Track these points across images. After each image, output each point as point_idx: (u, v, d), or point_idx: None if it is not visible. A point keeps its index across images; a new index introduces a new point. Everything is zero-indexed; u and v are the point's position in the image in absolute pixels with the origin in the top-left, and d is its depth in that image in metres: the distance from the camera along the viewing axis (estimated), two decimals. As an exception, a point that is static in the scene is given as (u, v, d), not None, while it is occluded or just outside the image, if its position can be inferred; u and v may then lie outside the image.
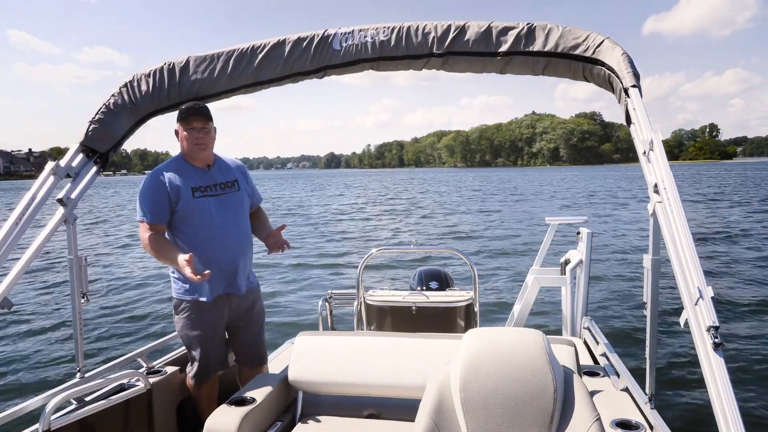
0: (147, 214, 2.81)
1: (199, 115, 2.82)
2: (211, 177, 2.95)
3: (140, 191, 2.84)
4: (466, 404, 1.64)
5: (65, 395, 2.41)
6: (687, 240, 1.80)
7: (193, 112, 2.81)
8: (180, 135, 2.87)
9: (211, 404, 2.95)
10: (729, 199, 29.96)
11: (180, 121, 2.84)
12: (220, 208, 2.92)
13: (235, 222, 2.99)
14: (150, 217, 2.81)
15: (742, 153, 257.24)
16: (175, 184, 2.83)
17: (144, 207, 2.82)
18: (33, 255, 2.33)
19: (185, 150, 2.90)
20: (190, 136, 2.83)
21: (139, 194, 2.84)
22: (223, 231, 2.91)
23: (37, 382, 6.07)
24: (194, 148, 2.86)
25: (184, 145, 2.88)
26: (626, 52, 2.47)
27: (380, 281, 10.43)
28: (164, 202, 2.82)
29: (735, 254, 12.81)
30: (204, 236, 2.86)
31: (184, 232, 2.87)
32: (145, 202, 2.82)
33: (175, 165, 2.91)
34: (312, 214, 28.06)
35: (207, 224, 2.87)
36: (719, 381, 1.49)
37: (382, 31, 2.72)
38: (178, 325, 3.01)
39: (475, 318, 4.25)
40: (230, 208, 2.97)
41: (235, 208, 3.00)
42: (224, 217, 2.93)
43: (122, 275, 12.57)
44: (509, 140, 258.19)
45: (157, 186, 2.83)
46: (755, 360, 6.08)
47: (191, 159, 2.92)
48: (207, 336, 2.97)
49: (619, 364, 2.85)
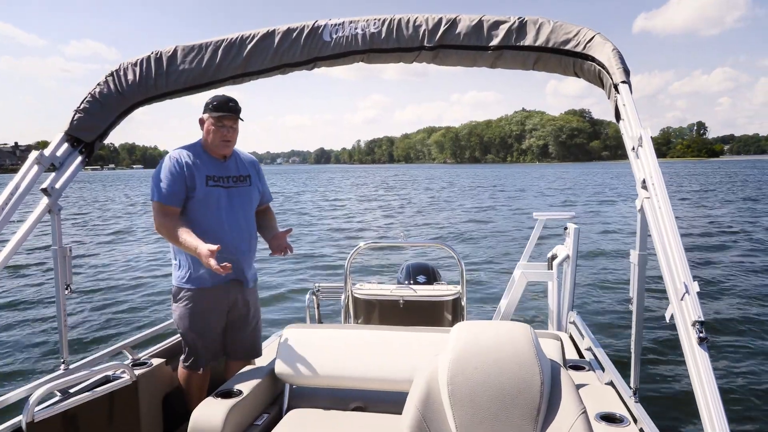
0: (163, 195, 2.83)
1: (232, 113, 2.91)
2: (226, 168, 3.00)
3: (156, 172, 2.87)
4: (453, 397, 1.64)
5: (49, 387, 2.38)
6: (674, 236, 1.81)
7: (227, 109, 2.89)
8: (206, 126, 2.93)
9: (201, 396, 2.94)
10: (712, 197, 30.25)
11: (211, 113, 2.89)
12: (229, 200, 2.97)
13: (243, 216, 3.03)
14: (166, 198, 2.83)
15: (729, 151, 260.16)
16: (191, 170, 2.87)
17: (160, 187, 2.83)
18: (16, 246, 2.29)
19: (208, 141, 2.95)
20: (219, 131, 2.90)
21: (154, 174, 2.87)
22: (230, 223, 2.94)
23: (20, 374, 6.02)
24: (220, 143, 2.93)
25: (209, 138, 2.93)
26: (617, 48, 2.47)
27: (367, 275, 10.43)
28: (180, 185, 2.85)
29: (721, 251, 12.96)
30: (211, 225, 2.89)
31: (191, 218, 2.87)
32: (162, 183, 2.83)
33: (193, 151, 2.94)
34: (303, 209, 28.01)
35: (215, 214, 2.92)
36: (703, 375, 1.51)
37: (373, 23, 2.70)
38: (176, 312, 3.00)
39: (462, 312, 4.26)
40: (240, 201, 3.02)
41: (243, 203, 3.04)
42: (233, 209, 2.98)
43: (107, 267, 12.50)
44: (499, 137, 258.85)
45: (174, 168, 2.85)
46: (740, 355, 6.16)
47: (210, 150, 2.97)
48: (206, 325, 2.97)
49: (604, 358, 2.88)
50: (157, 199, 2.84)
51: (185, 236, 2.73)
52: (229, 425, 2.32)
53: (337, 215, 24.49)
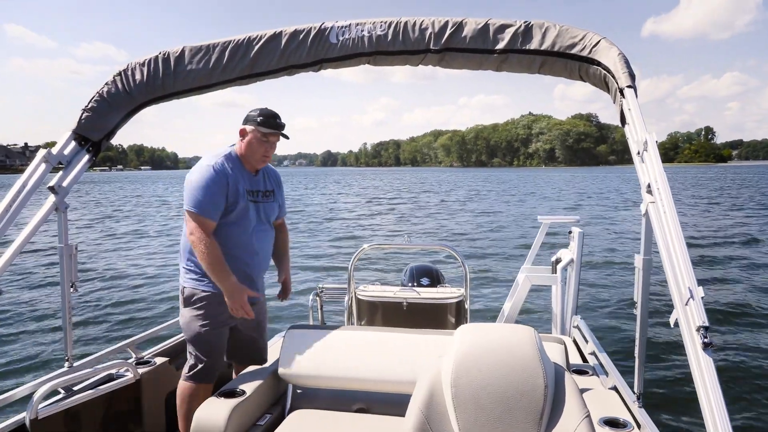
0: (203, 208, 2.68)
1: (280, 130, 2.83)
2: (257, 182, 2.93)
3: (198, 181, 2.69)
4: (456, 399, 1.64)
5: (53, 384, 2.40)
6: (679, 240, 1.81)
7: (276, 126, 2.81)
8: (249, 139, 2.80)
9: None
10: (718, 203, 30.09)
11: (258, 127, 2.78)
12: (257, 215, 2.91)
13: (268, 231, 3.00)
14: (206, 212, 2.68)
15: (737, 156, 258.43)
16: (234, 183, 2.77)
17: (201, 199, 2.67)
18: (23, 243, 2.31)
19: (247, 153, 2.83)
20: (262, 146, 2.81)
21: (195, 183, 2.70)
22: (256, 238, 2.89)
23: (25, 371, 6.05)
24: (260, 158, 2.85)
25: (249, 151, 2.82)
26: (622, 52, 2.47)
27: (372, 277, 10.43)
28: (222, 199, 2.73)
29: (726, 256, 12.88)
30: (238, 239, 2.81)
31: (222, 234, 2.76)
32: (204, 194, 2.68)
33: (233, 162, 2.81)
34: (308, 210, 28.05)
35: (244, 228, 2.84)
36: (708, 380, 1.50)
37: (380, 26, 2.71)
38: (186, 317, 2.82)
39: (465, 315, 4.26)
40: (265, 217, 2.97)
41: (269, 218, 3.00)
42: (260, 224, 2.93)
43: (113, 266, 12.55)
44: (505, 140, 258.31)
45: (218, 180, 2.71)
46: (744, 360, 6.12)
47: (246, 162, 2.86)
48: (220, 332, 2.85)
49: (608, 363, 2.87)
50: (198, 212, 2.67)
51: (220, 267, 2.66)
52: (232, 425, 2.32)
53: (342, 217, 24.51)
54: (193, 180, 2.72)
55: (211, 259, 2.65)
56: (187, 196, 2.71)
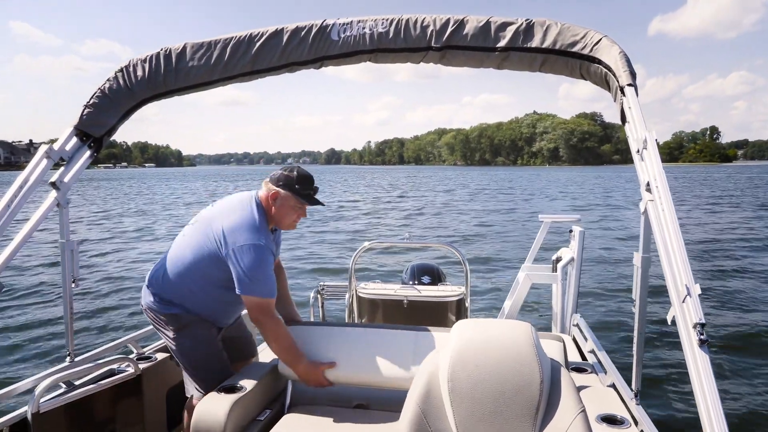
0: (270, 292, 2.57)
1: (317, 202, 2.75)
2: (274, 242, 2.78)
3: (257, 263, 2.51)
4: (453, 393, 1.65)
5: (55, 378, 2.42)
6: (677, 238, 1.82)
7: (315, 199, 2.73)
8: (283, 203, 2.65)
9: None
10: (717, 202, 30.00)
11: (297, 196, 2.65)
12: None
13: None
14: (273, 294, 2.58)
15: (743, 156, 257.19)
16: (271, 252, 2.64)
17: (267, 285, 2.55)
18: (24, 238, 2.33)
19: (278, 218, 2.69)
20: (296, 216, 2.71)
21: (259, 270, 2.52)
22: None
23: (27, 365, 6.09)
24: (292, 224, 2.74)
25: (282, 216, 2.68)
26: (623, 50, 2.47)
27: (373, 274, 10.45)
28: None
29: (724, 255, 12.87)
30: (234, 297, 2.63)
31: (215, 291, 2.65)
32: (269, 280, 2.56)
33: (265, 228, 2.62)
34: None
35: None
36: (704, 377, 1.51)
37: (381, 23, 2.71)
38: (183, 343, 2.67)
39: (465, 313, 4.27)
40: None
41: None
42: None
43: (115, 262, 12.60)
44: (509, 139, 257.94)
45: (271, 261, 2.60)
46: (740, 357, 6.14)
47: (271, 222, 2.71)
48: (218, 353, 2.74)
49: (606, 361, 2.87)
50: (269, 297, 2.56)
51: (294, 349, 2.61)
52: (232, 420, 2.33)
53: (344, 215, 24.53)
54: (250, 262, 2.50)
55: (287, 344, 2.60)
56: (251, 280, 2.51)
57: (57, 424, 2.43)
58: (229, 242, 2.52)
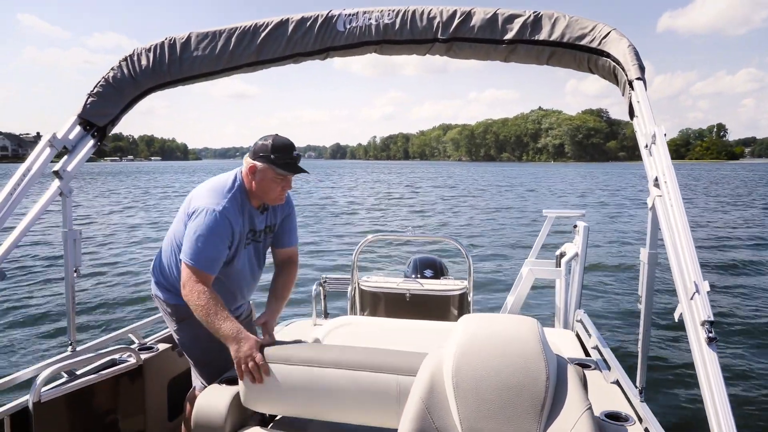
0: (203, 262, 2.38)
1: (297, 171, 2.53)
2: (261, 221, 2.66)
3: (201, 227, 2.38)
4: (457, 389, 1.63)
5: (56, 368, 2.41)
6: (686, 234, 1.79)
7: (295, 168, 2.51)
8: (262, 176, 2.49)
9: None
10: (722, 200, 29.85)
11: (272, 166, 2.47)
12: (253, 256, 2.70)
13: (258, 271, 2.78)
14: (206, 266, 2.39)
15: (750, 154, 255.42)
16: (238, 230, 2.49)
17: (203, 253, 2.37)
18: (27, 227, 2.32)
19: (259, 193, 2.53)
20: (278, 187, 2.52)
21: (196, 228, 2.39)
22: (246, 280, 2.71)
23: (28, 354, 6.11)
24: (277, 198, 2.56)
25: (263, 190, 2.51)
26: (632, 44, 2.44)
27: (375, 266, 10.46)
28: (224, 252, 2.46)
29: (735, 252, 12.80)
30: (229, 281, 2.60)
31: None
32: (205, 246, 2.38)
33: (239, 204, 2.50)
34: (313, 201, 28.08)
35: (238, 272, 2.62)
36: (711, 375, 1.49)
37: (387, 14, 2.68)
38: (184, 333, 2.64)
39: (468, 307, 4.26)
40: (260, 255, 2.76)
41: (262, 255, 2.78)
42: (253, 266, 2.71)
43: (117, 252, 12.63)
44: (515, 135, 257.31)
45: (223, 231, 2.41)
46: (749, 356, 6.10)
47: (253, 198, 2.57)
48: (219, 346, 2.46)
49: (610, 357, 2.85)
50: (199, 267, 2.37)
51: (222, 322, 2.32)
52: (233, 413, 2.32)
53: (348, 208, 24.53)
54: (195, 225, 2.40)
55: (207, 311, 2.34)
56: (186, 242, 2.41)
57: (58, 413, 2.42)
58: (190, 208, 2.47)
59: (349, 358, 2.19)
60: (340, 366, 2.17)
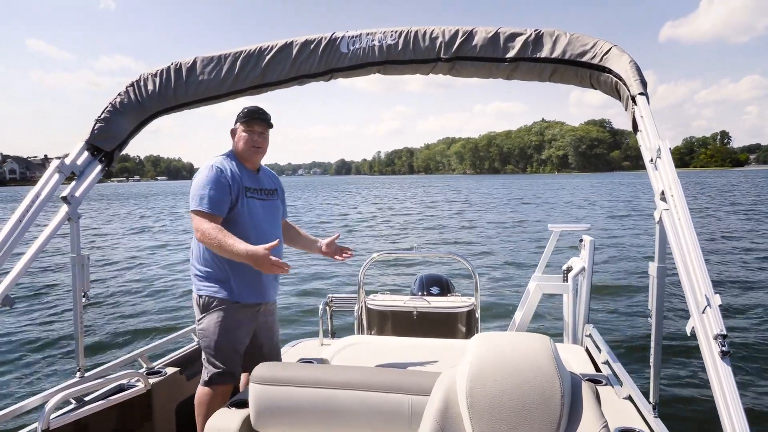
0: (208, 204, 2.74)
1: (261, 120, 2.94)
2: (260, 181, 3.02)
3: (198, 180, 2.80)
4: (472, 409, 1.62)
5: (65, 394, 2.41)
6: (694, 247, 1.79)
7: (256, 116, 2.92)
8: (238, 135, 2.95)
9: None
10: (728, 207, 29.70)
11: (241, 122, 2.93)
12: (266, 212, 2.98)
13: (279, 229, 3.08)
14: (211, 208, 2.74)
15: (755, 161, 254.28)
16: (234, 179, 2.84)
17: (204, 196, 2.74)
18: (35, 253, 2.33)
19: (239, 150, 2.95)
20: (250, 138, 2.92)
21: (196, 183, 2.81)
22: (271, 235, 2.89)
23: (36, 381, 6.09)
24: (251, 149, 2.93)
25: (240, 145, 2.94)
26: (633, 59, 2.46)
27: (382, 286, 10.42)
28: (226, 195, 2.79)
29: (744, 262, 12.70)
30: (254, 237, 2.78)
31: (234, 231, 2.75)
32: (207, 191, 2.75)
33: (231, 161, 2.92)
34: (320, 219, 28.13)
35: (257, 225, 2.89)
36: (726, 390, 1.48)
37: (390, 35, 2.72)
38: (205, 323, 2.83)
39: (476, 324, 4.24)
40: (274, 214, 3.05)
41: (277, 216, 3.10)
42: (271, 221, 3.00)
43: (125, 275, 12.65)
44: (518, 147, 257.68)
45: (218, 177, 2.79)
46: (764, 370, 6.01)
47: (243, 160, 2.96)
48: (238, 340, 2.85)
49: (622, 372, 2.83)
50: (205, 209, 2.72)
51: (232, 241, 2.62)
52: None
53: (354, 226, 24.53)
54: (195, 181, 2.82)
55: (222, 244, 2.63)
56: (191, 197, 2.78)
57: None
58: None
59: (360, 378, 2.19)
60: (351, 387, 2.16)
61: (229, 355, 2.83)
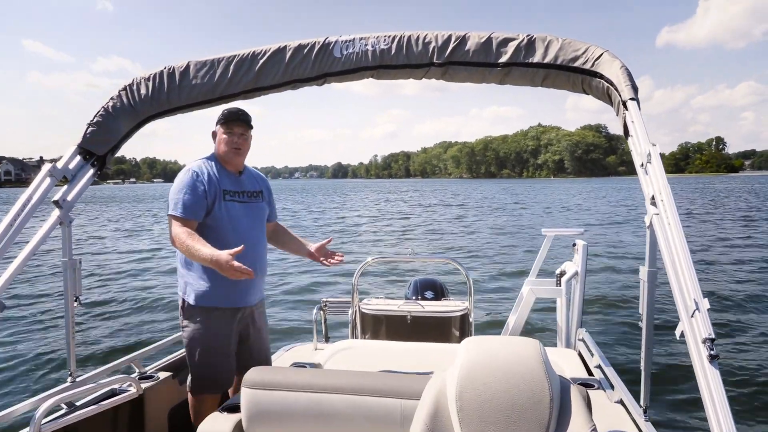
0: (182, 209, 2.76)
1: (240, 121, 2.93)
2: (241, 183, 3.00)
3: (175, 185, 2.83)
4: (462, 412, 1.62)
5: (56, 399, 2.39)
6: (684, 252, 1.80)
7: (235, 117, 2.92)
8: (218, 137, 2.95)
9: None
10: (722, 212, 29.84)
11: (221, 125, 2.94)
12: (247, 215, 2.96)
13: (261, 231, 3.04)
14: (185, 212, 2.76)
15: (750, 166, 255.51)
16: (211, 183, 2.84)
17: (179, 201, 2.77)
18: (27, 257, 2.32)
19: (220, 152, 2.95)
20: (229, 139, 2.92)
21: (173, 187, 2.83)
22: (251, 238, 2.89)
23: (27, 386, 6.05)
24: (231, 152, 2.93)
25: (221, 148, 2.94)
26: (625, 65, 2.48)
27: (375, 290, 10.42)
28: (201, 199, 2.80)
29: (732, 267, 12.76)
30: (234, 240, 2.77)
31: (212, 235, 2.78)
32: (182, 196, 2.77)
33: (209, 165, 2.92)
34: (315, 223, 28.11)
35: (237, 229, 2.87)
36: (714, 393, 1.49)
37: (383, 40, 2.73)
38: (187, 330, 2.85)
39: (470, 328, 4.24)
40: (256, 217, 3.02)
41: (260, 218, 3.06)
42: (252, 224, 2.97)
43: (117, 279, 12.61)
44: (514, 152, 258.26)
45: (194, 181, 2.81)
46: (752, 373, 6.05)
47: (224, 162, 2.96)
48: (221, 346, 2.85)
49: (613, 376, 2.84)
50: (178, 213, 2.75)
51: (199, 246, 2.60)
52: None
53: (347, 230, 24.53)
54: (173, 186, 2.84)
55: (190, 249, 2.61)
56: (168, 201, 2.81)
57: None
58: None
59: (352, 382, 2.19)
60: (343, 391, 2.16)
61: (213, 360, 2.82)
